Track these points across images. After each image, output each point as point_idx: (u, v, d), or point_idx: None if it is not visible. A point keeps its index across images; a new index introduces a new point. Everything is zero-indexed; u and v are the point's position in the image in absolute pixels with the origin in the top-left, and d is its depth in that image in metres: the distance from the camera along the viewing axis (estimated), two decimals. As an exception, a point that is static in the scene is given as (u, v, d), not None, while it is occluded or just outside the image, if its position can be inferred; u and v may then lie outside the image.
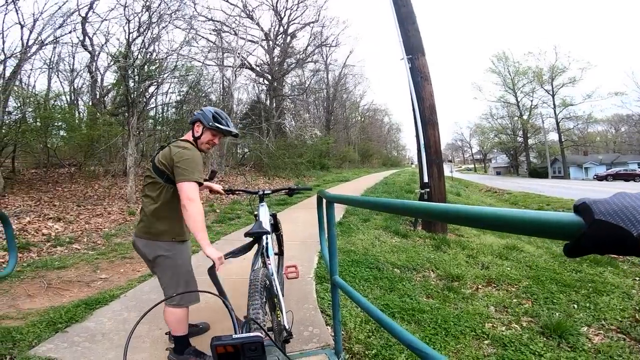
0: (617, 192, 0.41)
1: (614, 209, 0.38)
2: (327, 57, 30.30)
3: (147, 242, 1.82)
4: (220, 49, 15.55)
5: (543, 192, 15.79)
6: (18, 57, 8.71)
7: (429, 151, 5.51)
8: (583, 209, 0.41)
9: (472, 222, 0.64)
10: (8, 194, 7.42)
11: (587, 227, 0.40)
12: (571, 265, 3.81)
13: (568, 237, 0.44)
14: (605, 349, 2.12)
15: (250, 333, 0.74)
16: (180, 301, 1.83)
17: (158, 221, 1.80)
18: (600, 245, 0.39)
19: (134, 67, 9.37)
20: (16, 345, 2.11)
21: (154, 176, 1.81)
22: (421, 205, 0.88)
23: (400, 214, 1.12)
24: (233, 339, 0.72)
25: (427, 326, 2.34)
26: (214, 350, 0.71)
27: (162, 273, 1.85)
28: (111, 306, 2.74)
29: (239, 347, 0.71)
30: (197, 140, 1.93)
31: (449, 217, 0.73)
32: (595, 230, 0.38)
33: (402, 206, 1.00)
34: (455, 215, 0.69)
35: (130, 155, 8.61)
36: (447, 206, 0.72)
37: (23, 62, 8.93)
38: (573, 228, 0.43)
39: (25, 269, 3.76)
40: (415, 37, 5.73)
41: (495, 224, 0.57)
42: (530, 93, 41.16)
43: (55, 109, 10.40)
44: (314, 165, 21.16)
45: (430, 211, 0.84)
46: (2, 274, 2.09)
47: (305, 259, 3.79)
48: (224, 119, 1.95)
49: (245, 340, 0.72)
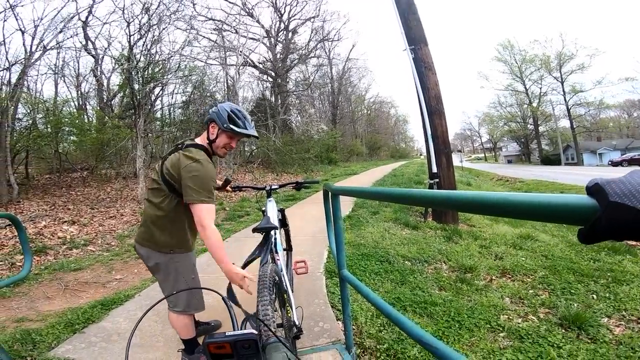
0: (632, 170, 0.37)
1: (630, 189, 0.34)
2: (329, 51, 30.23)
3: (149, 250, 1.72)
4: (222, 48, 15.56)
5: (556, 179, 15.47)
6: (22, 64, 8.83)
7: (436, 141, 5.45)
8: (596, 191, 0.38)
9: (480, 209, 0.60)
10: (23, 200, 7.59)
11: (602, 211, 0.36)
12: (588, 254, 3.70)
13: (582, 222, 0.40)
14: (627, 340, 2.04)
15: (244, 330, 0.72)
16: (185, 308, 1.77)
17: (158, 231, 1.68)
18: (616, 230, 0.35)
19: (138, 70, 9.44)
20: (36, 346, 2.16)
21: (159, 182, 1.67)
22: (426, 193, 0.83)
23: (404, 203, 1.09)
24: (225, 336, 0.70)
25: (440, 319, 2.30)
26: (206, 349, 0.68)
27: (162, 281, 1.77)
28: (126, 306, 2.78)
29: (232, 344, 0.68)
30: (212, 143, 1.74)
31: (455, 204, 0.69)
32: (610, 214, 0.35)
33: (406, 195, 0.97)
34: (462, 202, 0.65)
35: (139, 157, 8.70)
36: (452, 193, 0.68)
37: (27, 68, 9.03)
38: (587, 212, 0.39)
39: (43, 272, 3.84)
40: (417, 27, 5.68)
41: (505, 210, 0.54)
42: (539, 80, 40.27)
43: (64, 114, 10.56)
44: (322, 160, 21.13)
45: (435, 199, 0.79)
46: (18, 276, 2.14)
47: (315, 254, 3.77)
48: (240, 118, 1.72)
49: (237, 337, 0.69)
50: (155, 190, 1.70)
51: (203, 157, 1.64)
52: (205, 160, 1.63)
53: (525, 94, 42.11)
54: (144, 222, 1.75)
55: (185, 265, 1.77)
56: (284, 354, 0.87)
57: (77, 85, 13.15)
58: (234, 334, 0.70)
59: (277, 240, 2.06)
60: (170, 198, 1.65)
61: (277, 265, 1.88)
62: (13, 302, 3.03)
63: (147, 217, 1.72)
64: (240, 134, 1.72)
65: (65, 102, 11.49)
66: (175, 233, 1.70)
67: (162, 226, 1.68)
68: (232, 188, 2.52)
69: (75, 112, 11.67)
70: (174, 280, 1.74)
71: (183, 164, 1.59)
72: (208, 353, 0.68)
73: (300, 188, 2.68)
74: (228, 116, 1.69)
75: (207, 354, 0.68)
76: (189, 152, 1.64)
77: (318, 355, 1.93)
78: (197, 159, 1.60)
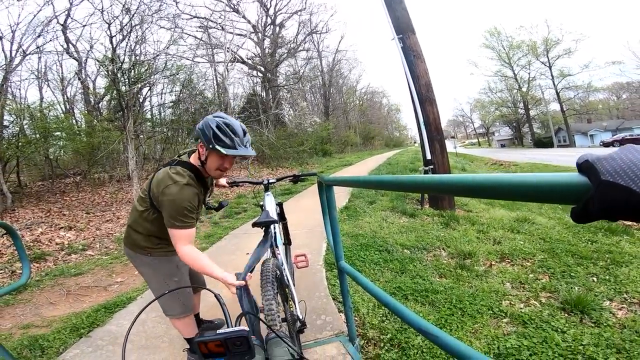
0: (623, 146, 0.36)
1: (622, 167, 0.32)
2: (318, 44, 30.01)
3: (131, 252, 1.72)
4: (209, 45, 15.36)
5: (550, 161, 15.60)
6: (4, 69, 8.66)
7: (429, 128, 5.47)
8: (587, 168, 0.36)
9: (471, 192, 0.58)
10: (17, 208, 7.50)
11: (594, 189, 0.34)
12: (586, 235, 3.71)
13: (574, 201, 0.38)
14: (631, 324, 2.03)
15: (235, 328, 0.70)
16: (173, 313, 1.78)
17: (138, 234, 1.66)
18: (610, 210, 0.33)
19: (123, 71, 9.29)
20: (45, 352, 2.17)
21: (147, 192, 1.60)
22: (416, 178, 0.82)
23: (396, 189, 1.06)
24: (216, 334, 0.68)
25: (442, 307, 2.30)
26: (197, 347, 0.67)
27: (148, 284, 1.79)
28: (129, 308, 2.79)
29: (222, 342, 0.67)
30: (203, 165, 1.57)
31: (446, 188, 0.67)
32: (603, 193, 0.33)
33: (397, 182, 0.96)
34: (453, 185, 0.63)
35: (131, 158, 8.61)
36: (442, 177, 0.66)
37: (9, 74, 8.87)
38: (578, 190, 0.38)
39: (44, 278, 3.83)
40: (404, 16, 5.68)
41: (496, 192, 0.52)
42: (527, 66, 40.52)
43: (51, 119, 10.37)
44: (317, 152, 21.10)
45: (426, 184, 0.78)
46: (18, 283, 2.12)
47: (314, 247, 3.77)
48: (228, 135, 1.46)
49: (228, 335, 0.68)
50: (142, 198, 1.64)
51: (184, 181, 1.49)
52: (186, 185, 1.48)
53: (514, 79, 42.34)
54: (127, 225, 1.74)
55: (165, 270, 1.72)
56: (285, 348, 0.86)
57: (62, 89, 12.89)
58: (224, 331, 0.69)
59: (277, 234, 2.05)
60: (152, 211, 1.58)
61: (278, 260, 1.87)
62: (17, 309, 3.03)
63: (130, 219, 1.70)
64: (228, 154, 1.47)
65: (51, 106, 11.24)
66: (154, 240, 1.67)
67: (143, 231, 1.65)
68: (229, 183, 2.50)
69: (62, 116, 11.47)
70: (156, 282, 1.73)
71: (163, 184, 1.48)
72: (199, 352, 0.67)
73: (297, 181, 2.66)
74: (213, 134, 1.45)
75: (199, 353, 0.67)
76: (174, 171, 1.51)
77: (322, 348, 1.93)
78: (177, 181, 1.47)
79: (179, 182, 1.47)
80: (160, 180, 1.50)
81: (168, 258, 1.72)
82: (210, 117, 1.50)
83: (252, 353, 0.69)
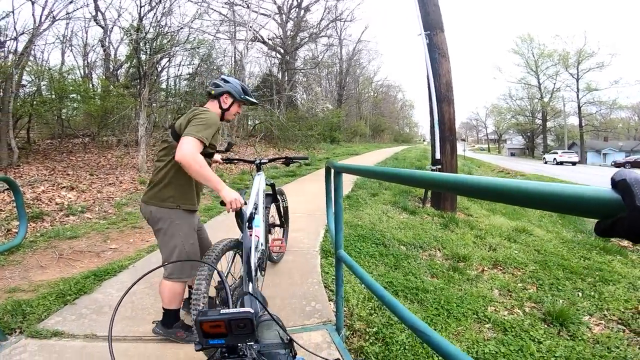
0: None
1: None
2: (341, 31, 29.43)
3: (153, 208, 1.78)
4: (232, 22, 15.17)
5: (557, 174, 15.42)
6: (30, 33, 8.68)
7: (442, 128, 5.42)
8: (623, 187, 0.36)
9: (492, 196, 0.58)
10: (23, 164, 7.58)
11: (627, 212, 0.34)
12: (580, 251, 3.76)
13: (603, 216, 0.39)
14: (604, 340, 2.09)
15: (240, 309, 0.67)
16: (179, 275, 1.79)
17: (165, 187, 1.77)
18: (637, 235, 0.34)
19: (146, 41, 9.27)
20: (26, 318, 2.12)
21: (170, 140, 1.78)
22: (438, 176, 0.78)
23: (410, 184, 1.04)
24: (220, 314, 0.65)
25: (429, 306, 2.32)
26: (198, 326, 0.64)
27: (163, 242, 1.80)
28: (119, 277, 2.74)
29: (225, 323, 0.65)
30: (225, 111, 1.94)
31: (466, 189, 0.65)
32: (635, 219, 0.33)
33: (413, 176, 0.93)
34: (473, 187, 0.61)
35: (142, 125, 8.64)
36: (464, 177, 0.64)
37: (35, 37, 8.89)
38: (610, 207, 0.38)
39: (39, 239, 3.79)
40: (435, 12, 5.55)
41: (519, 198, 0.51)
42: (554, 76, 39.60)
43: (69, 81, 10.44)
44: (325, 138, 21.01)
45: (446, 182, 0.74)
46: (12, 243, 2.10)
47: (311, 232, 3.80)
48: (249, 91, 2.02)
49: (233, 316, 0.65)
50: (165, 149, 1.81)
51: (212, 111, 1.84)
52: (213, 113, 1.82)
53: (537, 88, 41.49)
54: (150, 182, 1.84)
55: (186, 228, 1.81)
56: (275, 332, 0.86)
57: (84, 55, 13.01)
58: (229, 312, 0.66)
59: (253, 215, 2.03)
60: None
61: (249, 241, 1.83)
62: (7, 271, 2.98)
63: (154, 176, 1.82)
64: (251, 102, 2.03)
65: (71, 70, 11.35)
66: (179, 187, 1.78)
67: (169, 182, 1.77)
68: (222, 160, 2.54)
69: (80, 79, 11.54)
70: (173, 243, 1.78)
71: (197, 110, 1.78)
72: (201, 331, 0.65)
73: (289, 164, 2.67)
74: (242, 88, 1.96)
75: (200, 332, 0.65)
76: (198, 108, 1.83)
77: (308, 335, 1.94)
78: (205, 109, 1.83)
79: (209, 110, 1.83)
80: (192, 110, 1.80)
81: (191, 215, 1.85)
82: (231, 79, 1.96)
83: (254, 335, 0.66)
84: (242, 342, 0.68)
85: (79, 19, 11.13)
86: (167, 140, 1.81)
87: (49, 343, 1.88)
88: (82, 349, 1.82)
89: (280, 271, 2.78)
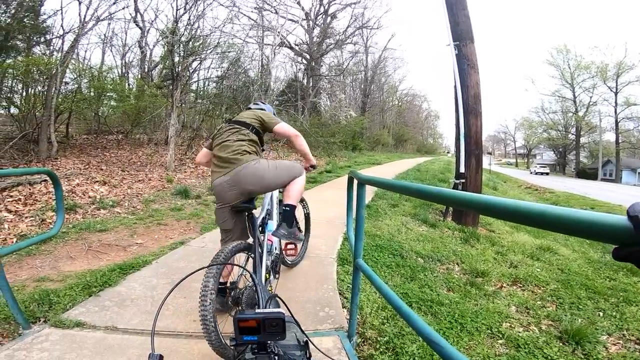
0: None
1: None
2: (367, 39, 29.52)
3: (241, 166, 2.02)
4: (260, 27, 15.59)
5: (589, 193, 14.75)
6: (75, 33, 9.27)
7: (468, 141, 5.33)
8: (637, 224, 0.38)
9: (516, 218, 0.61)
10: (60, 157, 8.04)
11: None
12: (606, 272, 3.63)
13: (617, 242, 0.43)
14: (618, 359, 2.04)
15: (273, 309, 0.75)
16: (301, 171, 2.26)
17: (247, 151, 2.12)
18: None
19: (180, 43, 9.70)
20: (52, 308, 2.17)
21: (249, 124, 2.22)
22: (461, 195, 0.82)
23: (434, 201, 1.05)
24: (255, 314, 0.72)
25: (443, 319, 2.31)
26: (236, 324, 0.72)
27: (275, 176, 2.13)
28: (143, 272, 2.82)
29: (260, 321, 0.72)
30: None
31: (490, 209, 0.69)
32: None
33: (438, 194, 0.94)
34: (498, 208, 0.65)
35: (172, 125, 9.00)
36: (489, 198, 0.68)
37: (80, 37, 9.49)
38: (624, 235, 0.42)
39: (70, 230, 3.94)
40: (465, 23, 5.48)
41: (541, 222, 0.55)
42: (591, 89, 37.88)
43: (108, 80, 11.06)
44: (346, 146, 21.01)
45: (471, 202, 0.78)
46: (49, 234, 2.22)
47: (330, 239, 3.83)
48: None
49: (267, 315, 0.72)
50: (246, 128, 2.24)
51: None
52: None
53: (572, 101, 39.87)
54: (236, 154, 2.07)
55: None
56: (293, 333, 0.91)
57: (122, 55, 13.80)
58: (263, 311, 0.73)
59: (266, 220, 2.19)
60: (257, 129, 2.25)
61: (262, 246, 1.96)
62: (37, 260, 3.08)
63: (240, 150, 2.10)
64: None
65: (110, 69, 12.06)
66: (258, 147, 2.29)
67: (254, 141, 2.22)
68: None
69: (117, 79, 12.21)
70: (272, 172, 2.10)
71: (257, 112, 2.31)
72: (237, 328, 0.72)
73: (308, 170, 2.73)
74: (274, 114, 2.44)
75: (237, 329, 0.72)
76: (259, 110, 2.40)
77: (319, 339, 1.95)
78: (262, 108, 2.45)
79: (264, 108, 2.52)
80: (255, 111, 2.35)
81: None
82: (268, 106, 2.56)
83: (284, 334, 0.73)
84: (272, 340, 0.74)
85: (119, 19, 11.86)
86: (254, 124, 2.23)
87: (70, 333, 1.93)
88: (101, 341, 1.88)
89: (296, 276, 2.83)
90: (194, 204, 5.87)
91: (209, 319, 1.50)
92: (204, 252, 3.35)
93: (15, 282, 2.54)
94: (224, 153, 2.06)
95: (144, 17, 12.55)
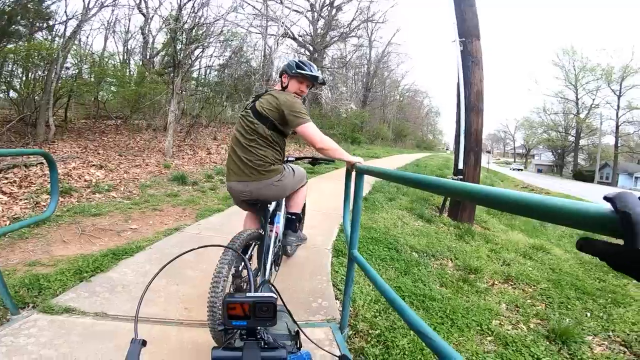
0: None
1: None
2: (371, 33, 29.24)
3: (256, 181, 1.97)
4: (265, 17, 15.40)
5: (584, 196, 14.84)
6: (79, 19, 9.16)
7: (468, 138, 5.32)
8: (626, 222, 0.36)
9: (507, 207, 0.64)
10: (58, 141, 7.98)
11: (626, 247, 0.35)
12: (596, 273, 3.68)
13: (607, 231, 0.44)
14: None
15: (264, 293, 0.71)
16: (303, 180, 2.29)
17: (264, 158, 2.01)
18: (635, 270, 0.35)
19: (183, 30, 9.60)
20: (41, 293, 2.13)
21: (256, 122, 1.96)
22: (453, 184, 0.86)
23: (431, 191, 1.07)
24: (246, 297, 0.69)
25: (434, 314, 2.33)
26: (224, 307, 0.69)
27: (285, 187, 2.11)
28: (136, 258, 2.78)
29: (251, 305, 0.69)
30: (284, 88, 2.06)
31: (482, 198, 0.71)
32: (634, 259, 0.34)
33: (435, 184, 0.97)
34: (490, 197, 0.68)
35: (172, 112, 8.94)
36: (480, 187, 0.71)
37: (83, 22, 9.38)
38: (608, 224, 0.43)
39: (65, 214, 3.89)
40: (472, 20, 5.42)
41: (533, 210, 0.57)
42: (594, 91, 38.01)
43: (109, 66, 10.97)
44: (346, 139, 20.97)
45: (461, 191, 0.81)
46: (41, 216, 2.17)
47: (325, 230, 3.83)
48: (307, 65, 2.06)
49: (258, 299, 0.69)
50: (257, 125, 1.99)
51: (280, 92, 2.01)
52: (291, 95, 2.01)
53: (575, 103, 39.85)
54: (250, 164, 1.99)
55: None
56: (284, 322, 0.89)
57: (124, 42, 13.71)
58: (254, 295, 0.70)
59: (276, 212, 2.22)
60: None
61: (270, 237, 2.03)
62: (30, 243, 3.01)
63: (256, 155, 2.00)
64: (307, 76, 2.03)
65: (111, 56, 11.98)
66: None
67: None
68: None
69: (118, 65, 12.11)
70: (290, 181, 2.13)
71: (280, 99, 1.93)
72: (226, 313, 0.69)
73: (315, 164, 2.69)
74: (296, 64, 2.03)
75: (225, 313, 0.69)
76: (276, 92, 2.00)
77: (311, 330, 1.95)
78: (286, 94, 2.00)
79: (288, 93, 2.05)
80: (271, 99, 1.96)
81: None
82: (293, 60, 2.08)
83: (274, 320, 0.69)
84: (262, 326, 0.71)
85: (123, 6, 11.72)
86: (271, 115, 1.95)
87: (59, 319, 1.89)
88: (90, 327, 1.85)
89: (291, 266, 2.84)
90: (190, 190, 5.86)
91: (218, 307, 1.44)
92: (199, 238, 3.34)
93: (6, 266, 2.50)
94: (243, 154, 1.96)
95: (148, 4, 12.47)
